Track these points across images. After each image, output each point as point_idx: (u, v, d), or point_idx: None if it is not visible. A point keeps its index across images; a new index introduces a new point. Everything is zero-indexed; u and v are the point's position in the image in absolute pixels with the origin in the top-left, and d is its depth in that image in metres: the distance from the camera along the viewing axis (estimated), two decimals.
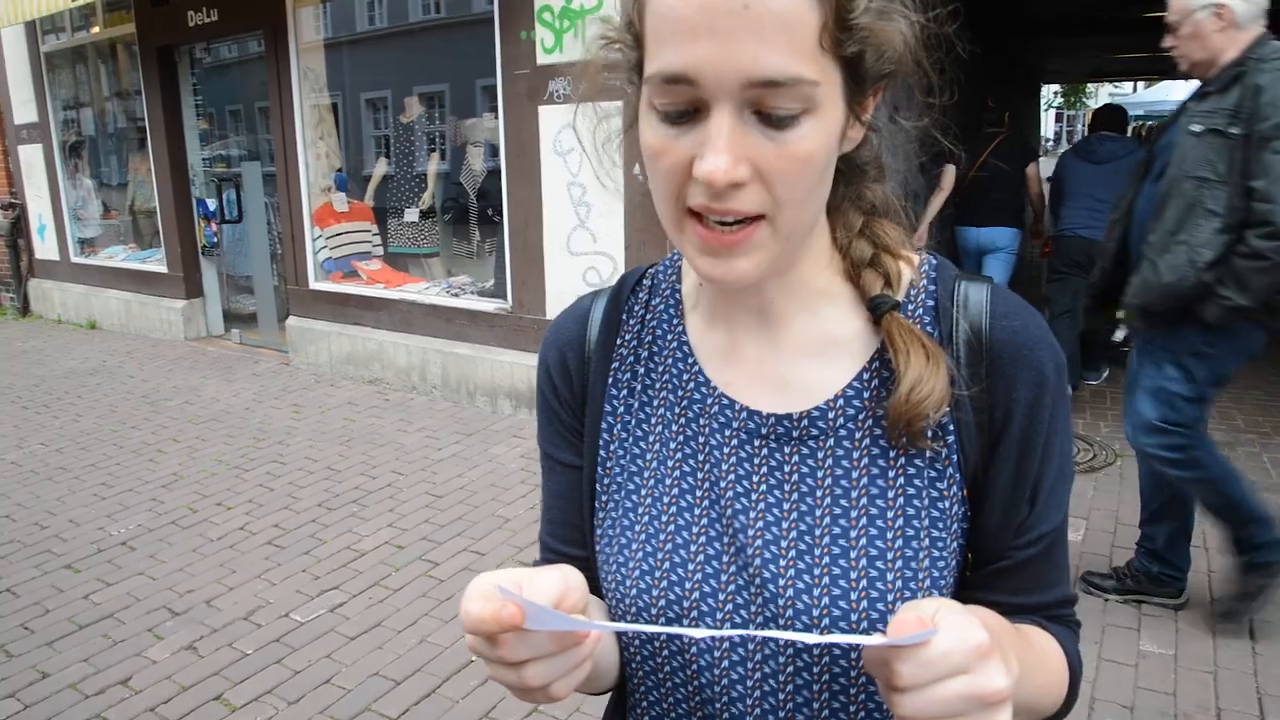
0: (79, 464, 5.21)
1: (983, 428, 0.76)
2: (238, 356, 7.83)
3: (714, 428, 0.81)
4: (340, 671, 3.12)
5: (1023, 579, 0.79)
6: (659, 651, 0.81)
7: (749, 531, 0.77)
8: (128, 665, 3.17)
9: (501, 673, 0.62)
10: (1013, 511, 0.77)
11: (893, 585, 0.73)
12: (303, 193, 7.14)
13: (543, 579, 0.62)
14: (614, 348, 0.87)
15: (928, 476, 0.75)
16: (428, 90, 7.23)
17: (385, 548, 4.05)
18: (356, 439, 5.52)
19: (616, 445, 0.86)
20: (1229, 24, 2.93)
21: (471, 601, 0.59)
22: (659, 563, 0.79)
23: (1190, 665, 3.03)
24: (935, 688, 0.55)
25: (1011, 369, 0.75)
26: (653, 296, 0.88)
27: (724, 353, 0.82)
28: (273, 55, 7.00)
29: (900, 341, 0.74)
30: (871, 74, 0.69)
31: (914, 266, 0.80)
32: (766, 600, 0.75)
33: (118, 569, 3.90)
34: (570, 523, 0.90)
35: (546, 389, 0.90)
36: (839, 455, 0.77)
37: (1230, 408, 5.65)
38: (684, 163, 0.66)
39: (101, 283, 9.27)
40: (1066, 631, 0.82)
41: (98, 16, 8.54)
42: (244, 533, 4.24)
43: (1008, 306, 0.77)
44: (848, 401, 0.77)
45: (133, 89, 8.63)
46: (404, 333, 6.59)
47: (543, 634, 0.60)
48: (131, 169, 9.14)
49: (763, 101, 0.63)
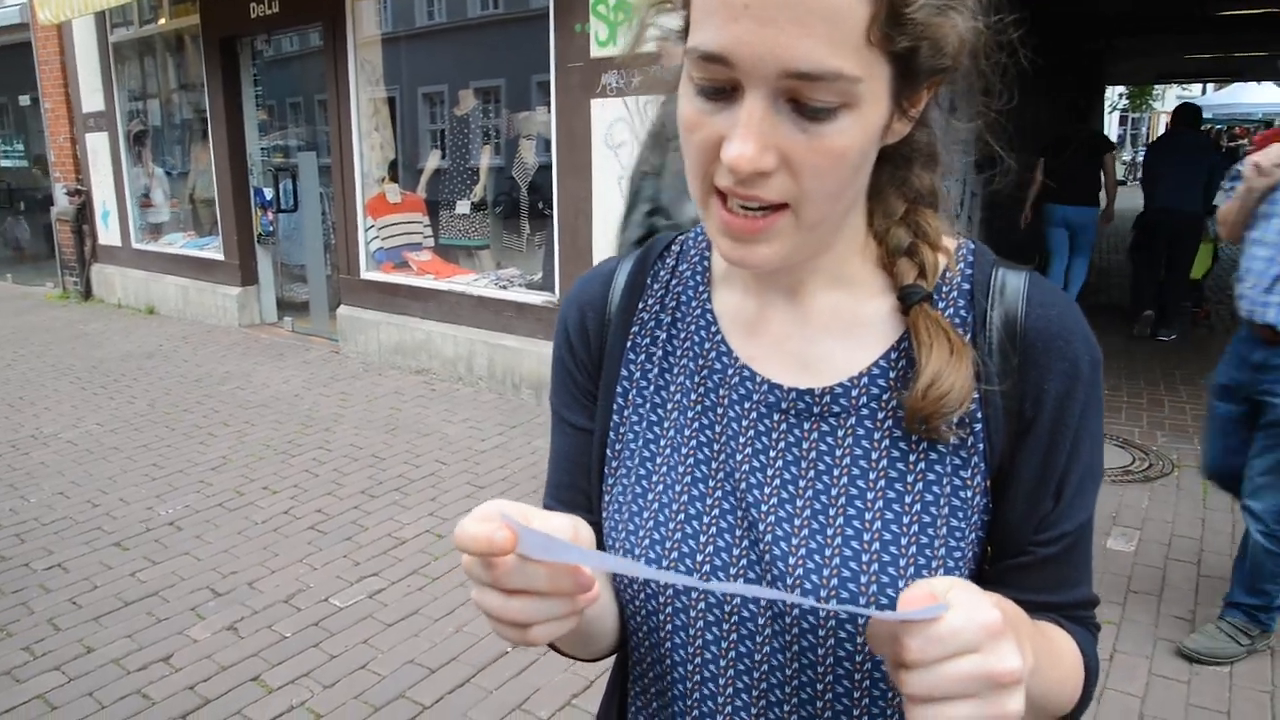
0: (132, 444, 5.32)
1: (1011, 416, 0.73)
2: (289, 344, 7.95)
3: (733, 399, 0.79)
4: (376, 658, 3.13)
5: (1042, 576, 0.76)
6: (662, 625, 0.79)
7: (762, 507, 0.75)
8: (170, 643, 3.23)
9: (489, 599, 0.59)
10: (1036, 506, 0.74)
11: (904, 571, 0.71)
12: (357, 183, 7.22)
13: (554, 520, 0.60)
14: (635, 311, 0.85)
15: (951, 464, 0.73)
16: (483, 85, 7.27)
17: (426, 536, 4.07)
18: (401, 428, 5.57)
19: (631, 411, 0.84)
20: None
21: (469, 521, 0.57)
22: (670, 532, 0.77)
23: (1246, 684, 2.92)
24: (944, 665, 0.52)
25: (1045, 359, 0.73)
26: (680, 263, 0.86)
27: (750, 325, 0.80)
28: (331, 48, 7.09)
29: (925, 335, 0.72)
30: (925, 69, 0.65)
31: (950, 256, 0.77)
32: (777, 576, 0.73)
33: (164, 548, 3.98)
34: (576, 486, 0.88)
35: (563, 348, 0.89)
36: (859, 435, 0.75)
37: None
38: (714, 141, 0.64)
39: (161, 269, 9.48)
40: (1084, 633, 0.79)
41: (164, 8, 8.74)
42: (288, 517, 4.30)
43: (1045, 296, 0.75)
44: (872, 380, 0.75)
45: (196, 80, 8.81)
46: (452, 324, 6.63)
47: (539, 569, 0.58)
48: (193, 158, 9.33)
49: (798, 92, 0.61)
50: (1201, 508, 4.26)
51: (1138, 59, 16.66)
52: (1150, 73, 23.06)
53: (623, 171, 5.35)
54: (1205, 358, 6.93)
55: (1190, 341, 7.55)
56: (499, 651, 3.15)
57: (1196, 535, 3.98)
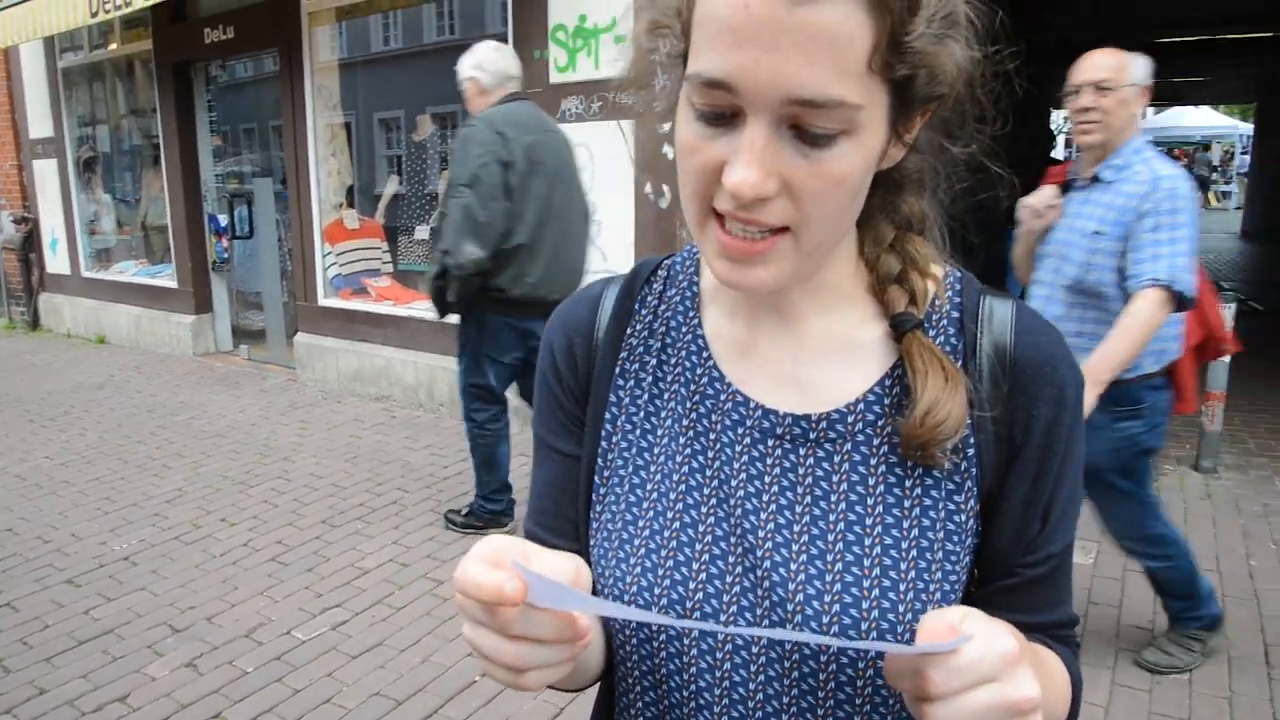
0: (83, 478, 5.20)
1: (1001, 443, 0.74)
2: (245, 372, 7.84)
3: (726, 425, 0.78)
4: (341, 691, 3.08)
5: (1029, 598, 0.78)
6: (656, 653, 0.78)
7: (759, 533, 0.75)
8: (127, 682, 3.14)
9: (484, 639, 0.58)
10: (1024, 529, 0.76)
11: (904, 596, 0.71)
12: (314, 209, 7.16)
13: (555, 561, 0.59)
14: (624, 337, 0.84)
15: (945, 489, 0.74)
16: (441, 110, 7.26)
17: (389, 565, 4.02)
18: (362, 456, 5.50)
19: (620, 437, 0.83)
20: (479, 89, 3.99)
21: (474, 564, 0.56)
22: (662, 560, 0.77)
23: (1205, 690, 2.97)
24: (966, 696, 0.53)
25: (1034, 386, 0.74)
26: (668, 288, 0.86)
27: (741, 349, 0.80)
28: (287, 73, 7.05)
29: (920, 362, 0.73)
30: (920, 96, 0.66)
31: (939, 284, 0.79)
32: (775, 604, 0.73)
33: (119, 584, 3.88)
34: (562, 514, 0.86)
35: (549, 373, 0.87)
36: (856, 461, 0.75)
37: (1241, 431, 5.59)
38: (714, 165, 0.65)
39: (111, 297, 9.30)
40: (1068, 651, 0.80)
41: (115, 33, 8.62)
42: (247, 549, 4.22)
43: (1033, 324, 0.76)
44: (868, 407, 0.76)
45: (148, 106, 8.69)
46: (412, 350, 6.57)
47: (545, 617, 0.57)
48: (145, 185, 9.19)
49: (800, 118, 0.61)
50: None
51: None
52: None
53: None
54: None
55: None
56: (467, 681, 3.11)
57: None
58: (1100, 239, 2.72)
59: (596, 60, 5.14)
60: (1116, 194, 2.72)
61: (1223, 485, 4.79)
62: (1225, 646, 3.20)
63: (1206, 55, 13.99)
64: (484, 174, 3.69)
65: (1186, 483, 4.84)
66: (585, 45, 5.19)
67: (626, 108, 5.32)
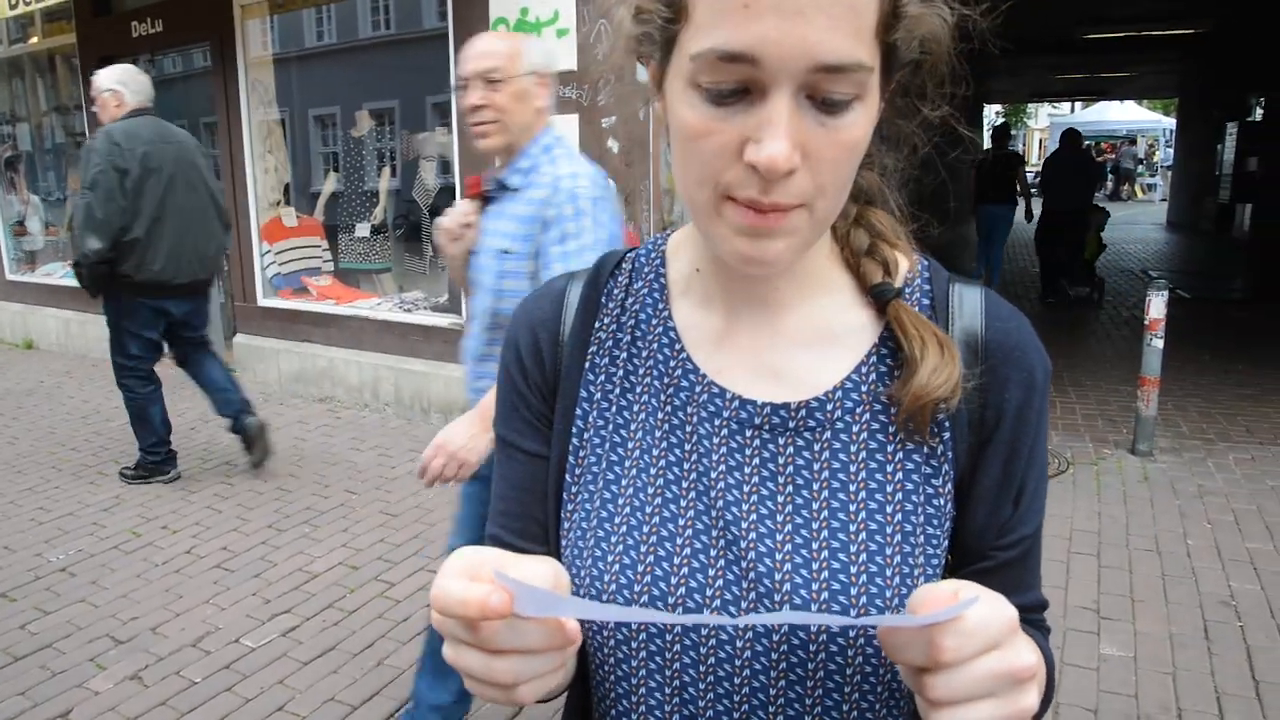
0: (14, 488, 5.01)
1: (974, 427, 0.75)
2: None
3: (702, 416, 0.77)
4: (294, 698, 3.01)
5: (1001, 581, 0.77)
6: (634, 636, 0.76)
7: (742, 524, 0.74)
8: (68, 698, 3.03)
9: (469, 659, 0.55)
10: (997, 512, 0.76)
11: (891, 581, 0.71)
12: (251, 207, 6.99)
13: (533, 567, 0.57)
14: (592, 331, 0.82)
15: (924, 473, 0.74)
16: (378, 106, 7.15)
17: (339, 569, 3.95)
18: (307, 458, 5.40)
19: (592, 434, 0.81)
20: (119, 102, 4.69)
21: (451, 580, 0.53)
22: (642, 555, 0.75)
23: (1150, 667, 3.06)
24: (972, 664, 0.53)
25: (1004, 370, 0.75)
26: (634, 280, 0.84)
27: (716, 340, 0.79)
28: (220, 68, 6.87)
29: (913, 329, 0.73)
30: (901, 60, 0.67)
31: (910, 257, 0.80)
32: (762, 594, 0.72)
33: (57, 596, 3.75)
34: (530, 515, 0.84)
35: (515, 371, 0.85)
36: (836, 448, 0.75)
37: (1174, 415, 5.77)
38: (731, 146, 0.63)
39: (39, 301, 8.98)
40: (1040, 635, 0.81)
41: (36, 27, 8.32)
42: (190, 556, 4.11)
43: (1001, 310, 0.78)
44: (846, 394, 0.75)
45: (72, 102, 8.41)
46: (355, 349, 6.47)
47: (532, 626, 0.54)
48: (71, 184, 8.89)
49: (820, 86, 0.61)
50: (1097, 502, 4.47)
51: (1012, 79, 17.51)
52: (1024, 92, 24.27)
53: None
54: (1088, 359, 7.31)
55: (1072, 335, 7.94)
56: None
57: (1095, 529, 4.17)
58: (509, 259, 2.21)
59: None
60: (522, 203, 2.21)
61: (1159, 468, 4.94)
62: (1166, 625, 3.30)
63: (1132, 51, 14.43)
64: (101, 179, 4.40)
65: (1124, 466, 4.98)
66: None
67: (570, 101, 5.28)
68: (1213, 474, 4.83)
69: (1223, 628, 3.30)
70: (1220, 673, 3.03)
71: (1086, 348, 7.86)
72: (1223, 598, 3.53)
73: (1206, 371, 6.88)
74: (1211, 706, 2.86)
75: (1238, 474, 4.82)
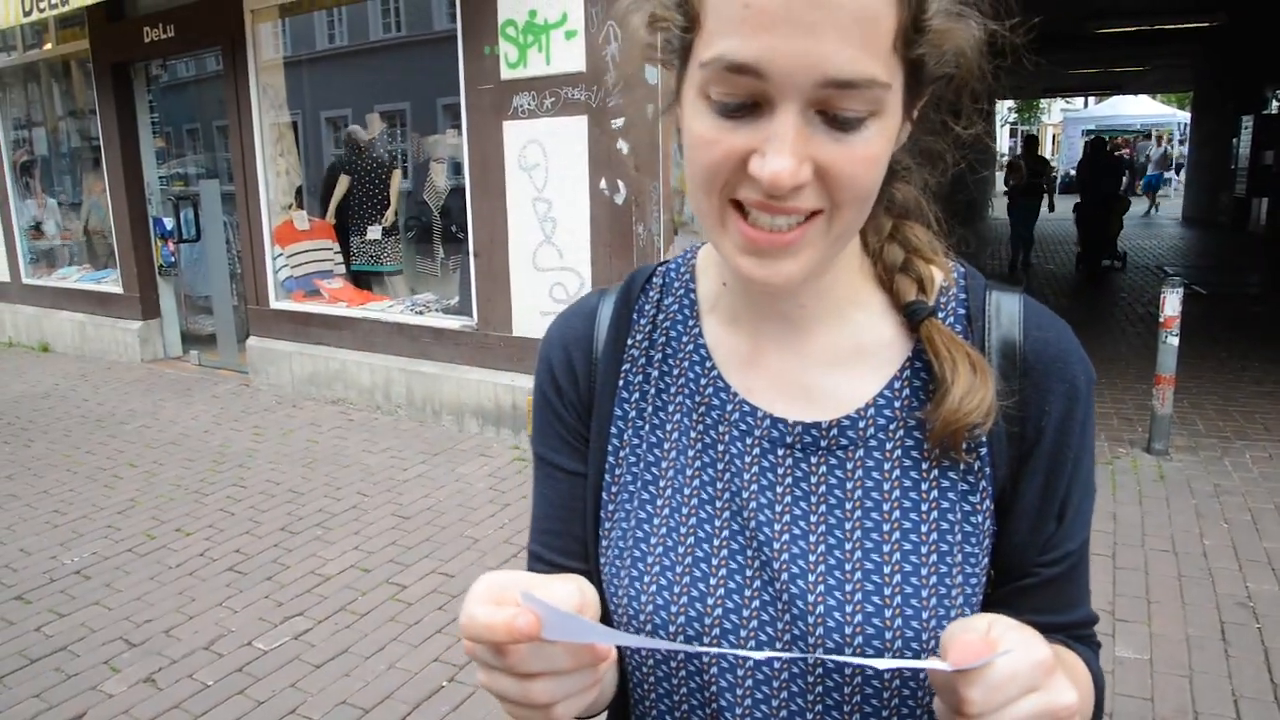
0: (30, 491, 5.05)
1: (1014, 440, 0.73)
2: (196, 378, 7.67)
3: (734, 435, 0.76)
4: (306, 701, 3.02)
5: (1046, 597, 0.76)
6: (675, 672, 0.76)
7: (774, 545, 0.73)
8: (82, 700, 3.05)
9: (502, 684, 0.55)
10: (1040, 528, 0.74)
11: (927, 602, 0.70)
12: (263, 211, 7.02)
13: (559, 588, 0.57)
14: (625, 348, 0.82)
15: (960, 490, 0.72)
16: (388, 109, 7.17)
17: (351, 571, 3.96)
18: (320, 461, 5.41)
19: (627, 451, 0.80)
20: None
21: (479, 605, 0.53)
22: (678, 576, 0.74)
23: (1166, 670, 3.03)
24: (1007, 710, 0.52)
25: (1045, 381, 0.73)
26: (664, 296, 0.83)
27: (745, 358, 0.78)
28: (231, 72, 6.90)
29: (944, 350, 0.71)
30: (930, 76, 0.65)
31: (946, 271, 0.78)
32: (795, 618, 0.71)
33: (71, 599, 3.77)
34: (570, 533, 0.83)
35: (549, 389, 0.84)
36: (869, 467, 0.73)
37: (1191, 413, 5.72)
38: (737, 156, 0.62)
39: (54, 304, 9.06)
40: (1089, 651, 0.79)
41: (50, 33, 8.38)
42: (204, 559, 4.12)
43: (1041, 318, 0.75)
44: (878, 411, 0.74)
45: (87, 107, 8.46)
46: (367, 352, 6.49)
47: (559, 647, 0.54)
48: (86, 188, 8.95)
49: (831, 102, 0.59)
50: (1112, 502, 4.44)
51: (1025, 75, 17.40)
52: (1037, 88, 24.12)
53: (537, 193, 5.34)
54: (1103, 357, 7.25)
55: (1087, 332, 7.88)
56: (435, 687, 3.07)
57: (1110, 530, 4.14)
58: None
59: (548, 56, 5.10)
60: None
61: (1174, 467, 4.90)
62: (1184, 628, 3.27)
63: (1145, 45, 14.31)
64: None
65: (1140, 465, 4.94)
66: (536, 41, 5.15)
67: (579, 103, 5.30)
68: (1230, 473, 4.79)
69: (1240, 629, 3.26)
70: (1238, 675, 2.99)
71: (1101, 345, 7.80)
72: (1240, 599, 3.49)
73: (1223, 368, 6.82)
74: (1229, 710, 2.83)
75: (1255, 473, 4.77)
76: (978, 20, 0.66)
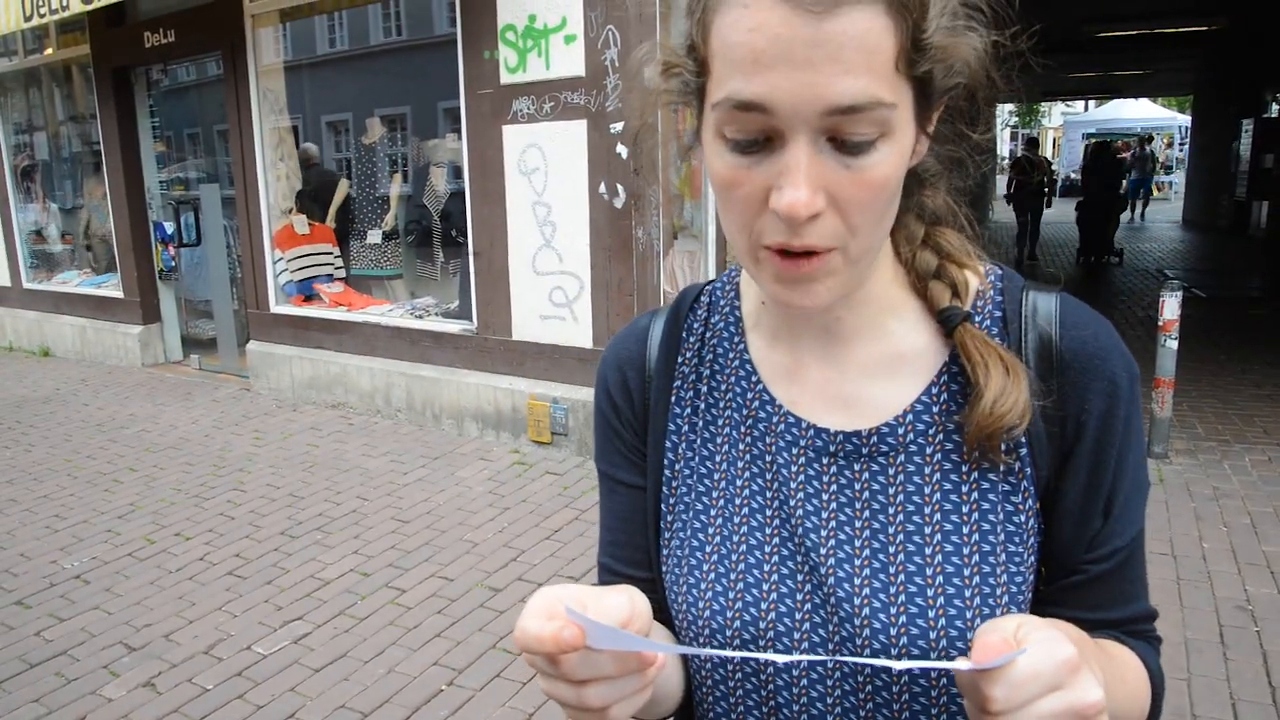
0: (30, 495, 5.05)
1: (1054, 439, 0.74)
2: (196, 382, 7.68)
3: (780, 445, 0.80)
4: (306, 705, 3.03)
5: (1097, 594, 0.77)
6: (732, 674, 0.80)
7: (821, 551, 0.76)
8: (82, 704, 3.06)
9: (560, 690, 0.60)
10: (1085, 525, 0.75)
11: (971, 602, 0.72)
12: (263, 215, 7.03)
13: (609, 600, 0.60)
14: (675, 366, 0.86)
15: (1001, 490, 0.74)
16: (389, 112, 7.18)
17: (350, 575, 3.96)
18: (320, 465, 5.42)
19: (682, 464, 0.84)
20: None
21: (530, 619, 0.57)
22: (732, 583, 0.78)
23: (1165, 673, 3.02)
24: (1030, 708, 0.53)
25: (1083, 379, 0.74)
26: (711, 314, 0.87)
27: (788, 371, 0.81)
28: (231, 76, 6.91)
29: (977, 354, 0.73)
30: (939, 89, 0.67)
31: (980, 275, 0.79)
32: (842, 620, 0.74)
33: (71, 604, 3.78)
34: (634, 544, 0.88)
35: (607, 408, 0.89)
36: (910, 472, 0.75)
37: (1190, 417, 5.73)
38: (759, 194, 0.65)
39: (55, 308, 9.07)
40: (1146, 646, 0.79)
41: (51, 38, 8.40)
42: (204, 563, 4.13)
43: (1077, 316, 0.76)
44: (917, 417, 0.76)
45: (87, 112, 8.48)
46: (367, 356, 6.49)
47: (605, 655, 0.59)
48: (87, 193, 8.97)
49: (839, 128, 0.61)
50: None
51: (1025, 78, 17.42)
52: (1036, 91, 24.13)
53: (536, 197, 5.35)
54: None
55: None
56: (434, 690, 3.08)
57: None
58: None
59: (547, 61, 5.11)
60: None
61: (1174, 470, 4.90)
62: (1181, 631, 3.27)
63: (1145, 48, 14.33)
64: None
65: None
66: (535, 45, 5.16)
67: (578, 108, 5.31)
68: (1229, 476, 4.79)
69: (1239, 633, 3.26)
70: (1236, 679, 3.00)
71: None
72: (1239, 602, 3.49)
73: (1223, 372, 6.83)
74: (1227, 714, 2.83)
75: (1254, 476, 4.78)
76: (979, 30, 0.67)
